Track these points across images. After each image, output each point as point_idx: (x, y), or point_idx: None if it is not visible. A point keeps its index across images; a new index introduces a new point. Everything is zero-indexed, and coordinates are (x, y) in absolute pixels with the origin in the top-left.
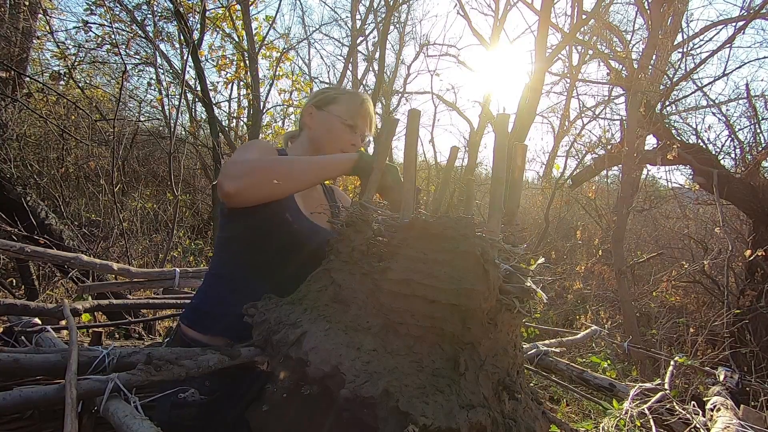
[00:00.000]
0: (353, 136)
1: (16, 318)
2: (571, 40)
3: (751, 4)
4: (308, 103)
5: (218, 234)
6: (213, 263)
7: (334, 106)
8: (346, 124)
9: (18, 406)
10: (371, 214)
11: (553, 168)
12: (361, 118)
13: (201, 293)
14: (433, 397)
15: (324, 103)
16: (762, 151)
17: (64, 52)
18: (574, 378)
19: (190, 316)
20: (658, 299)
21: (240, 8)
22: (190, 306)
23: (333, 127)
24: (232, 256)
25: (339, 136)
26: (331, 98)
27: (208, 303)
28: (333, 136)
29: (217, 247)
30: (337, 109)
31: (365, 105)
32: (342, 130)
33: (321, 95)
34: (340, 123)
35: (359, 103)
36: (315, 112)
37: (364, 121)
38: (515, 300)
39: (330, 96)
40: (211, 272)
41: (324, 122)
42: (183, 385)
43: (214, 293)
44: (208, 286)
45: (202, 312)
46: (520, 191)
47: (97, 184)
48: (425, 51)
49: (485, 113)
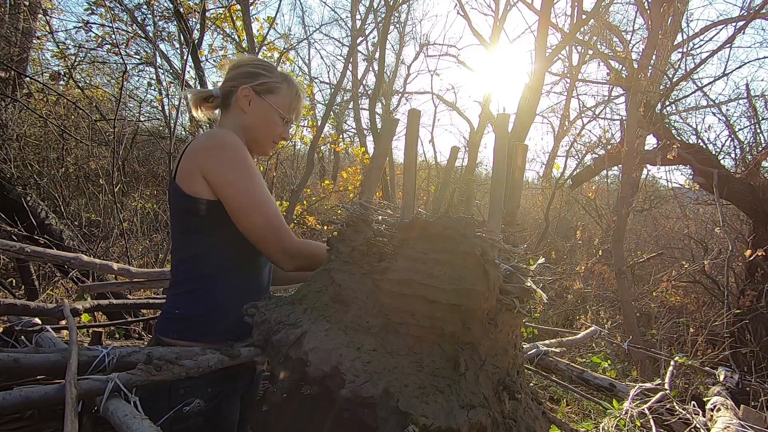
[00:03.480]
0: (285, 129)
1: (16, 318)
2: (571, 40)
3: (751, 4)
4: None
5: (200, 237)
6: (197, 267)
7: (274, 97)
8: (282, 117)
9: (18, 406)
10: (371, 214)
11: (553, 168)
12: (295, 113)
13: (183, 300)
14: (433, 397)
15: (264, 91)
16: (762, 151)
17: (64, 52)
18: (574, 378)
19: (177, 327)
20: (658, 299)
21: (240, 8)
22: (175, 316)
23: (270, 119)
24: (216, 261)
25: (274, 128)
26: (272, 87)
27: (203, 308)
28: (268, 128)
29: (203, 250)
30: (277, 100)
31: (301, 98)
32: (277, 123)
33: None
34: (278, 116)
35: (296, 97)
36: (254, 97)
37: (297, 114)
38: (515, 300)
39: (270, 84)
40: (189, 278)
41: (262, 112)
42: (187, 396)
43: (209, 298)
44: (197, 290)
45: (193, 319)
46: (520, 191)
47: (97, 184)
48: (425, 51)
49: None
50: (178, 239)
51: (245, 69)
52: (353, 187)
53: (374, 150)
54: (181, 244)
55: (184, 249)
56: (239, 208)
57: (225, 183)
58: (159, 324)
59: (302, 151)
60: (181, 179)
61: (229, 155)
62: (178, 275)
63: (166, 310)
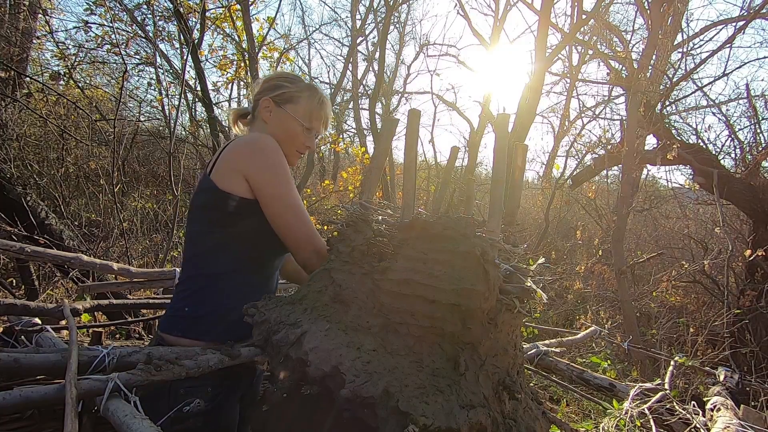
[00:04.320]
0: (308, 137)
1: (16, 318)
2: (571, 40)
3: (751, 4)
4: (266, 95)
5: (220, 231)
6: (203, 265)
7: (293, 106)
8: (303, 126)
9: (18, 406)
10: (371, 214)
11: (553, 168)
12: (318, 121)
13: (192, 298)
14: (433, 397)
15: (283, 101)
16: (762, 151)
17: (64, 52)
18: (574, 378)
19: (183, 325)
20: (658, 299)
21: (240, 8)
22: (178, 315)
23: (290, 128)
24: (233, 256)
25: (295, 137)
26: (291, 96)
27: (206, 307)
28: (289, 137)
29: (210, 248)
30: (296, 109)
31: (323, 106)
32: (299, 132)
33: (280, 90)
34: (298, 125)
35: (318, 105)
36: (273, 107)
37: (320, 123)
38: (515, 300)
39: (290, 93)
40: (201, 274)
41: (282, 121)
42: (187, 396)
43: (218, 295)
44: (201, 289)
45: (197, 317)
46: (520, 191)
47: (97, 184)
48: (425, 51)
49: (485, 113)
50: (196, 233)
51: (271, 83)
52: (353, 187)
53: (374, 150)
54: (197, 238)
55: (199, 243)
56: (278, 208)
57: (266, 184)
58: (163, 321)
59: None
60: (218, 176)
61: (272, 159)
62: (189, 271)
63: (173, 307)
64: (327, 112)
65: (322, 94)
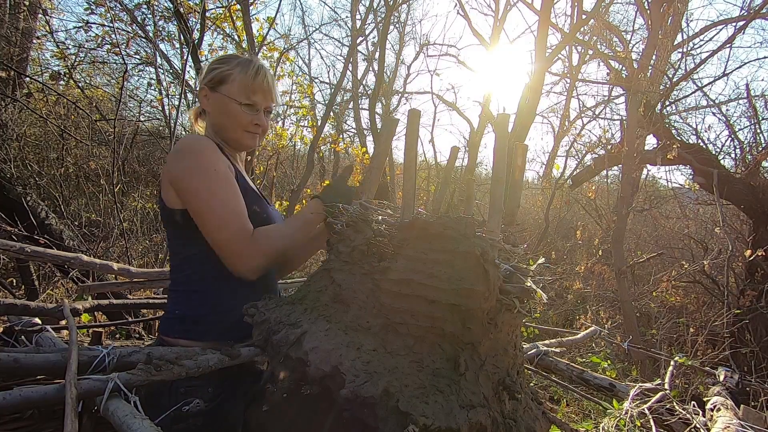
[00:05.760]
0: (254, 114)
1: (16, 318)
2: (571, 40)
3: (751, 4)
4: (202, 83)
5: (186, 244)
6: (190, 270)
7: (227, 86)
8: (242, 104)
9: (18, 406)
10: (371, 214)
11: (553, 168)
12: (258, 94)
13: (187, 300)
14: (433, 397)
15: (216, 83)
16: (762, 151)
17: (64, 52)
18: (574, 378)
19: (179, 327)
20: (658, 299)
21: (240, 8)
22: (175, 317)
23: (229, 110)
24: (216, 263)
25: (238, 118)
26: (223, 77)
27: (203, 308)
28: (232, 119)
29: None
30: (230, 89)
31: (259, 76)
32: (239, 112)
33: (212, 73)
34: (235, 104)
35: (252, 77)
36: (209, 93)
37: (263, 95)
38: (515, 300)
39: (221, 74)
40: (190, 279)
41: (219, 105)
42: (188, 395)
43: (207, 297)
44: (195, 291)
45: (194, 319)
46: (520, 191)
47: (97, 184)
48: (425, 51)
49: (485, 113)
50: (169, 245)
51: (205, 70)
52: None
53: (374, 150)
54: (172, 250)
55: (174, 255)
56: (201, 222)
57: (185, 191)
58: (161, 323)
59: (302, 151)
60: (163, 193)
61: (189, 162)
62: (175, 277)
63: (167, 310)
64: (267, 82)
65: (258, 64)
